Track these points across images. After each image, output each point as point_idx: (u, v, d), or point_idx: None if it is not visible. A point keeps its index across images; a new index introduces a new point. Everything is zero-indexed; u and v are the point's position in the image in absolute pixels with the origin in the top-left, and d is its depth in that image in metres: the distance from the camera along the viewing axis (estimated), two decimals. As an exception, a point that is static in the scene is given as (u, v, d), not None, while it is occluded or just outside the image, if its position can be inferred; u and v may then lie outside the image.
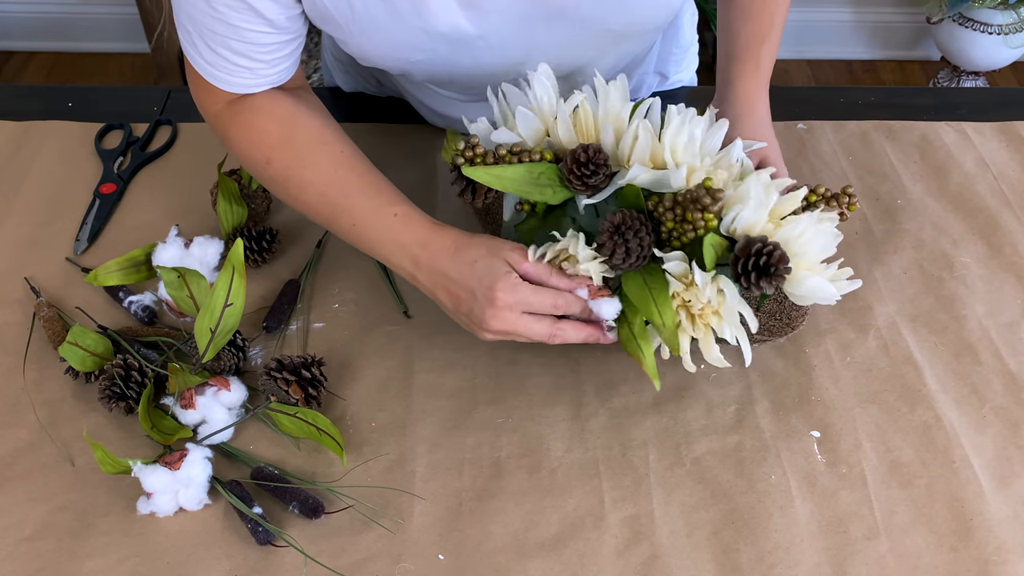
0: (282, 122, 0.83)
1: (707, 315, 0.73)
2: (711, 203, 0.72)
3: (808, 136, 1.09)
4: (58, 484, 0.75)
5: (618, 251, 0.73)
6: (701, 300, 0.73)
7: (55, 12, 2.62)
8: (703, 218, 0.73)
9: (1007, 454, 0.78)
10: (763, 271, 0.71)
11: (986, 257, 0.94)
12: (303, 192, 0.82)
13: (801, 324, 0.81)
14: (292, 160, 0.82)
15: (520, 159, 0.77)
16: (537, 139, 0.80)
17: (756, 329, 0.75)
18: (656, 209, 0.75)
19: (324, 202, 0.82)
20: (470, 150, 0.78)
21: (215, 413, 0.77)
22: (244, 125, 0.84)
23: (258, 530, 0.71)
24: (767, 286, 0.71)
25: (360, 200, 0.81)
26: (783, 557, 0.71)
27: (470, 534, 0.72)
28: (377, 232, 0.80)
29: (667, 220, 0.75)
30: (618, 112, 0.79)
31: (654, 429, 0.79)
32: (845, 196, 0.80)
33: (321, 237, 0.95)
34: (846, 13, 2.62)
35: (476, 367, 0.84)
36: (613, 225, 0.73)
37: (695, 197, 0.73)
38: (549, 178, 0.77)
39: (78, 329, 0.80)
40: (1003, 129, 1.10)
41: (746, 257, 0.72)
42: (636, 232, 0.73)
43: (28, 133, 1.07)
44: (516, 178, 0.77)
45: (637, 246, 0.73)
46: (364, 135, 1.07)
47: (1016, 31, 2.32)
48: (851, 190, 0.80)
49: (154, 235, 0.91)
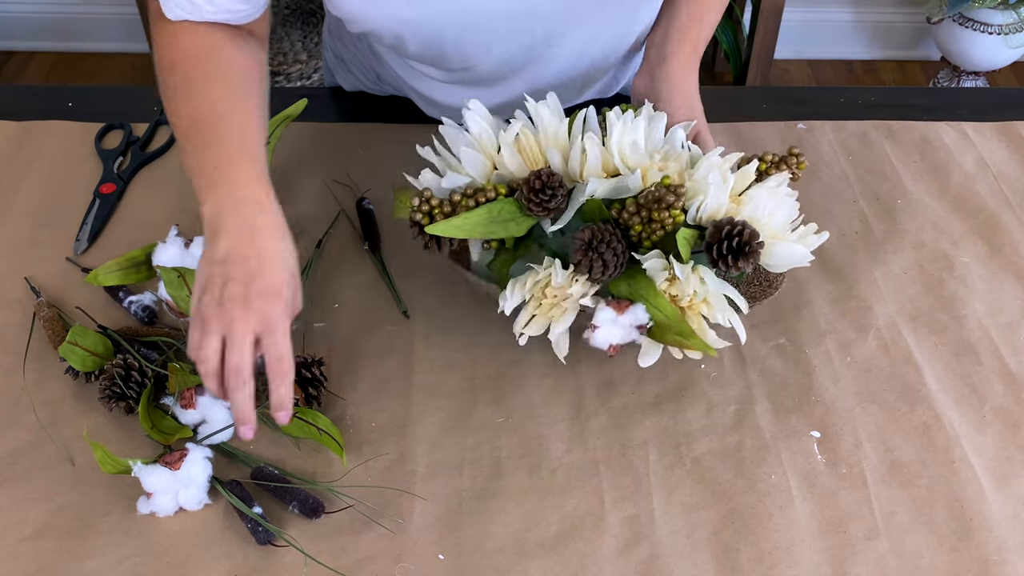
0: (203, 46, 0.82)
1: (696, 305, 0.75)
2: (675, 200, 0.74)
3: (808, 136, 1.09)
4: (58, 484, 0.75)
5: (595, 266, 0.74)
6: (687, 293, 0.75)
7: (55, 12, 2.62)
8: (670, 215, 0.75)
9: (1007, 454, 0.78)
10: (738, 251, 0.73)
11: (986, 257, 0.94)
12: (176, 115, 0.80)
13: (782, 284, 0.83)
14: (188, 81, 0.80)
15: (476, 200, 0.78)
16: (486, 174, 0.81)
17: (747, 310, 0.77)
18: (621, 216, 0.77)
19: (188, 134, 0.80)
20: (426, 204, 0.78)
21: (215, 412, 0.77)
22: (170, 33, 0.83)
23: (258, 530, 0.71)
24: (745, 265, 0.73)
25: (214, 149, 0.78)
26: (783, 557, 0.71)
27: (470, 534, 0.72)
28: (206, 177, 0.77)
29: (634, 225, 0.76)
30: (555, 131, 0.81)
31: (654, 429, 0.79)
32: (793, 157, 0.82)
33: (321, 237, 0.95)
34: (846, 13, 2.62)
35: (476, 367, 0.84)
36: (584, 242, 0.75)
37: (657, 197, 0.75)
38: (510, 212, 0.78)
39: (78, 329, 0.80)
40: (1003, 129, 1.10)
41: (719, 242, 0.74)
42: (608, 244, 0.74)
43: (28, 133, 1.07)
44: (478, 222, 0.77)
45: (612, 256, 0.74)
46: (365, 134, 1.08)
47: (1016, 31, 2.32)
48: (796, 150, 0.83)
49: (154, 235, 0.91)
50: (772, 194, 0.78)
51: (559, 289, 0.76)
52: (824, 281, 0.92)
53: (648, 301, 0.75)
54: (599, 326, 0.75)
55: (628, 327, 0.75)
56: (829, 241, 0.96)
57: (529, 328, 0.78)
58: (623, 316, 0.75)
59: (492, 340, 0.85)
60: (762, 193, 0.77)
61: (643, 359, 0.77)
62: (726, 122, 1.10)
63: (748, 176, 0.79)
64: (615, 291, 0.77)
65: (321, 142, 1.06)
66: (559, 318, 0.77)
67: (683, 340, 0.75)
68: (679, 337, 0.75)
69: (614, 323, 0.75)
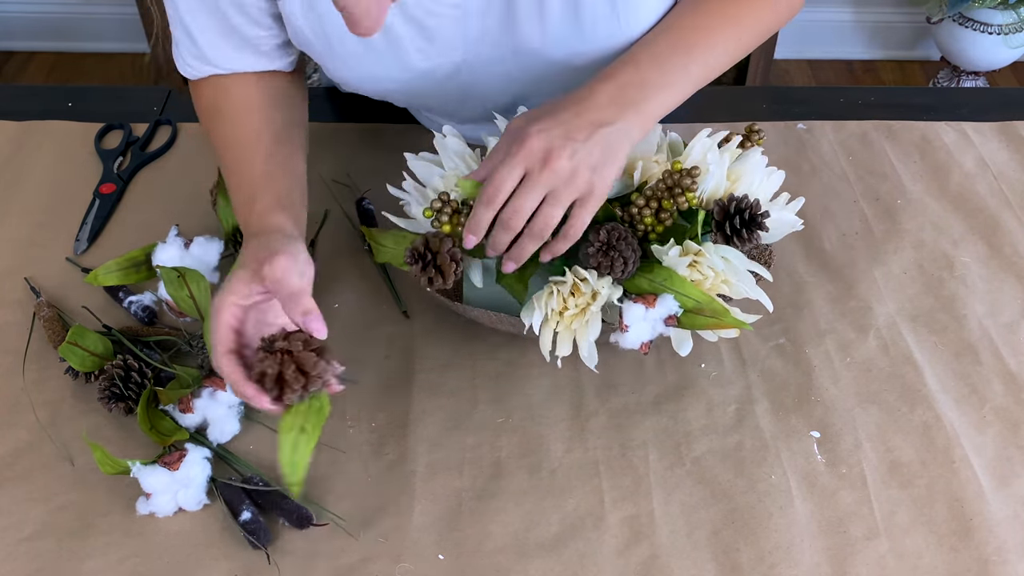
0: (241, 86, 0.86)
1: (716, 286, 0.76)
2: (691, 182, 0.74)
3: (808, 136, 1.09)
4: (58, 484, 0.75)
5: (616, 264, 0.74)
6: (711, 274, 0.75)
7: (56, 12, 2.62)
8: (686, 199, 0.75)
9: (1007, 454, 0.78)
10: (749, 224, 0.74)
11: (986, 257, 0.94)
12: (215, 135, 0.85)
13: (771, 259, 0.86)
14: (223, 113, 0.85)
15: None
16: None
17: (771, 278, 0.79)
18: (626, 212, 0.77)
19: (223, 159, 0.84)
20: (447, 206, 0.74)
21: (215, 412, 0.77)
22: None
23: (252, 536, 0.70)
24: (762, 234, 0.75)
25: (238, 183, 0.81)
26: (783, 557, 0.71)
27: (470, 534, 0.72)
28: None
29: (645, 217, 0.76)
30: None
31: (654, 429, 0.79)
32: (753, 133, 0.84)
33: (313, 237, 0.95)
34: (846, 13, 2.62)
35: (476, 367, 0.84)
36: (602, 243, 0.74)
37: (673, 183, 0.75)
38: None
39: (78, 329, 0.80)
40: (1003, 129, 1.10)
41: (728, 218, 0.75)
42: (625, 239, 0.74)
43: (28, 133, 1.07)
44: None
45: (631, 252, 0.74)
46: (365, 134, 1.08)
47: (1016, 31, 2.32)
48: (756, 127, 0.83)
49: (154, 235, 0.91)
50: (759, 166, 0.80)
51: (583, 298, 0.74)
52: (824, 281, 0.92)
53: (674, 290, 0.75)
54: (630, 325, 0.74)
55: (657, 321, 0.75)
56: (829, 241, 0.96)
57: (559, 348, 0.76)
58: (653, 310, 0.74)
59: (492, 340, 0.85)
60: (750, 168, 0.79)
61: (681, 348, 0.78)
62: (726, 122, 1.10)
63: (735, 153, 0.80)
64: (635, 290, 0.76)
65: (321, 142, 1.06)
66: (584, 329, 0.75)
67: (717, 320, 0.74)
68: (712, 319, 0.74)
69: (644, 319, 0.74)
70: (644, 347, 0.75)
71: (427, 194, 0.81)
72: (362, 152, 1.05)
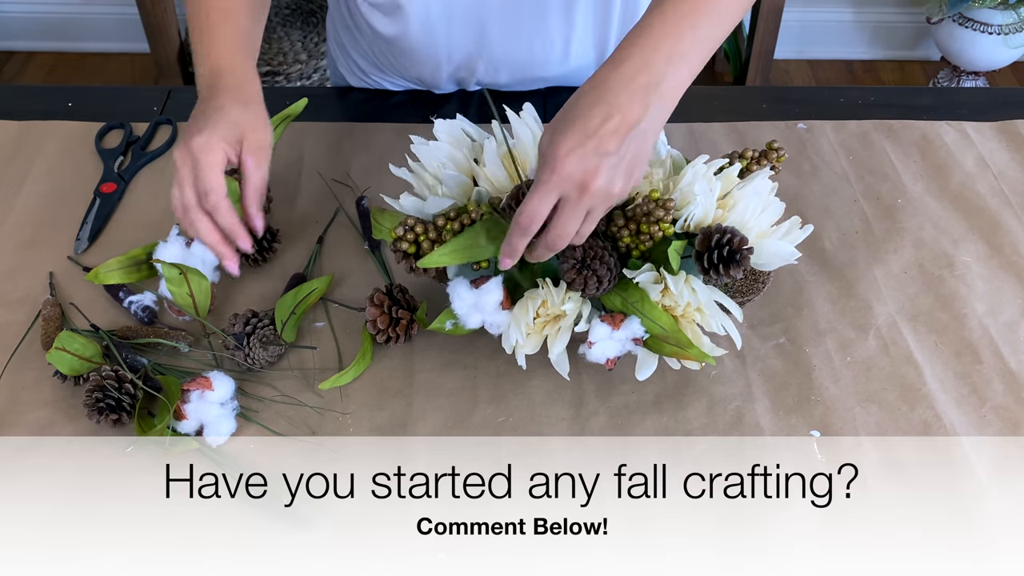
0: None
1: (690, 313, 0.75)
2: (664, 214, 0.74)
3: (808, 136, 1.09)
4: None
5: (590, 283, 0.74)
6: (680, 303, 0.74)
7: (56, 12, 2.62)
8: (660, 228, 0.75)
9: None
10: (728, 259, 0.73)
11: (986, 256, 0.94)
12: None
13: (769, 280, 0.84)
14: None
15: (461, 222, 0.76)
16: (467, 192, 0.80)
17: (741, 318, 0.77)
18: (609, 228, 0.77)
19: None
20: (411, 232, 0.76)
21: (208, 413, 0.76)
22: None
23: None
24: (736, 272, 0.73)
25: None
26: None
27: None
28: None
29: (623, 237, 0.76)
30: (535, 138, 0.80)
31: (654, 429, 0.79)
32: (772, 151, 0.82)
33: (321, 233, 0.95)
34: (846, 13, 2.62)
35: (476, 367, 0.84)
36: (577, 260, 0.74)
37: (647, 212, 0.74)
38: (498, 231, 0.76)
39: (66, 335, 0.79)
40: (1003, 129, 1.10)
41: (708, 251, 0.73)
42: (601, 259, 0.74)
43: (28, 133, 1.07)
44: (466, 245, 0.76)
45: (607, 271, 0.75)
46: (365, 134, 1.07)
47: (1016, 31, 2.32)
48: (776, 144, 0.82)
49: (155, 234, 0.91)
50: (757, 195, 0.78)
51: (553, 309, 0.75)
52: (824, 281, 0.92)
53: (643, 314, 0.75)
54: (595, 342, 0.75)
55: (624, 340, 0.75)
56: (829, 241, 0.96)
57: (524, 348, 0.77)
58: (619, 331, 0.75)
59: (492, 339, 0.85)
60: (747, 195, 0.77)
61: (640, 372, 0.78)
62: (726, 122, 1.10)
63: (732, 179, 0.79)
64: (609, 305, 0.77)
65: (321, 142, 1.06)
66: (555, 337, 0.76)
67: (680, 351, 0.75)
68: (676, 348, 0.75)
69: (610, 338, 0.75)
70: (610, 363, 0.76)
71: (427, 179, 0.82)
72: (362, 152, 1.05)
